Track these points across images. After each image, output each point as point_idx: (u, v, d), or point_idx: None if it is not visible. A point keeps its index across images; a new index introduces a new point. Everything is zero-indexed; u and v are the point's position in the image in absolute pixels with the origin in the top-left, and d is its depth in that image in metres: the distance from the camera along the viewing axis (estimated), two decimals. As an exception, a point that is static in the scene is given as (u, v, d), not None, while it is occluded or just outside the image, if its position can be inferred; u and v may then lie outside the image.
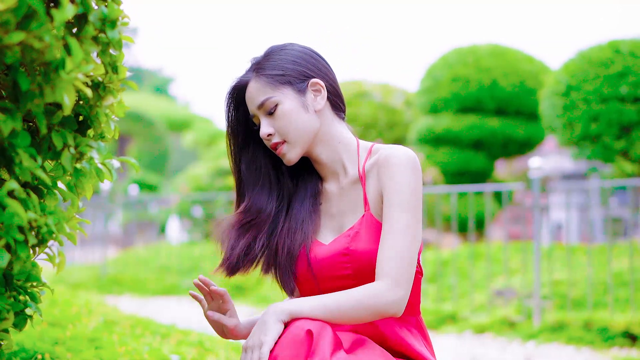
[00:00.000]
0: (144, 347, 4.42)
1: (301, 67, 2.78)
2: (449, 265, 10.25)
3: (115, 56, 2.23)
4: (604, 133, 10.07)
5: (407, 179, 2.65)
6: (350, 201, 2.81)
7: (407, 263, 2.59)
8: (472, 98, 14.54)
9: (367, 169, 2.78)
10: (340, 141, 2.83)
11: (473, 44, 15.16)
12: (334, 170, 2.85)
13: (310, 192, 2.88)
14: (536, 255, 7.94)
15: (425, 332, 2.87)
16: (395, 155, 2.69)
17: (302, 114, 2.75)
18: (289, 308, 2.54)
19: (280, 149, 2.77)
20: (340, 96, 2.89)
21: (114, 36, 2.13)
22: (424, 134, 14.92)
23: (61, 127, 2.20)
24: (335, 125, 2.84)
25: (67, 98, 1.93)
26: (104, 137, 2.35)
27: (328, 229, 2.85)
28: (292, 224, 2.84)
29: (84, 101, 2.27)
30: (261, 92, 2.75)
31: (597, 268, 8.84)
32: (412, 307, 2.80)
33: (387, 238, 2.62)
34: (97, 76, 2.26)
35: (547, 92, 10.88)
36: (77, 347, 4.10)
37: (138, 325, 5.37)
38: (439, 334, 8.14)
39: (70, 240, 2.25)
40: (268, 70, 2.77)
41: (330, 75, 2.86)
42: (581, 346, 7.10)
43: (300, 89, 2.76)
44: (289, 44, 2.85)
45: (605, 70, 10.10)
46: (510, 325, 7.92)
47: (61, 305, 5.49)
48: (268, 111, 2.75)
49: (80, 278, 12.92)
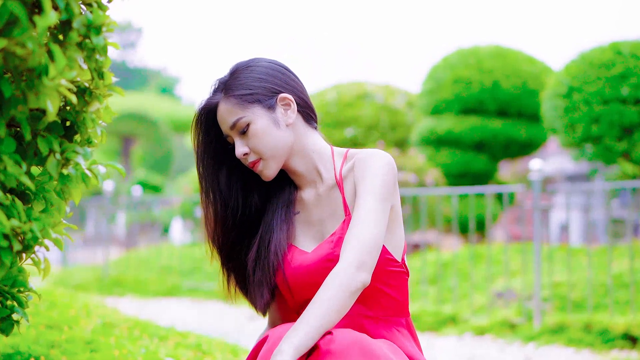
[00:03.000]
0: (140, 349, 4.42)
1: (268, 84, 2.79)
2: (450, 266, 10.24)
3: (101, 62, 2.23)
4: (605, 135, 10.06)
5: (380, 173, 2.70)
6: (330, 207, 2.83)
7: (370, 249, 2.59)
8: (474, 99, 14.53)
9: (344, 174, 2.81)
10: (315, 150, 2.85)
11: (475, 46, 15.15)
12: (310, 179, 2.87)
13: (282, 202, 2.89)
14: (536, 257, 7.93)
15: (414, 332, 2.88)
16: (372, 156, 2.74)
17: (274, 131, 2.77)
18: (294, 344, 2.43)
19: (256, 166, 2.79)
20: (310, 107, 2.90)
21: (99, 42, 2.13)
22: (425, 135, 14.91)
23: (47, 132, 2.19)
24: (308, 135, 2.86)
25: (50, 104, 1.93)
26: (91, 143, 2.35)
27: (309, 236, 2.86)
28: (265, 236, 2.85)
29: (70, 107, 2.27)
30: (231, 113, 2.76)
31: (598, 270, 8.83)
32: (400, 307, 2.82)
33: (354, 225, 2.64)
34: (84, 82, 2.26)
35: (549, 93, 10.88)
36: (72, 350, 4.10)
37: (136, 327, 5.36)
38: (439, 336, 8.14)
39: (56, 245, 2.24)
40: (236, 90, 2.77)
41: (299, 87, 2.87)
42: (581, 348, 7.09)
43: (270, 106, 2.77)
44: (255, 59, 2.86)
45: (606, 71, 10.09)
46: (511, 327, 7.91)
47: (59, 308, 5.47)
48: (240, 131, 2.76)
49: (83, 279, 12.94)
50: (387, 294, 2.77)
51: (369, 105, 17.22)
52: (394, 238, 2.79)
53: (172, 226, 20.23)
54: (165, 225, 20.88)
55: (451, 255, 10.60)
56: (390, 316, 2.80)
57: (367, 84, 17.93)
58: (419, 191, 9.51)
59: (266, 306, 2.87)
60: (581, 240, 11.23)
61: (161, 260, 13.33)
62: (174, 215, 19.95)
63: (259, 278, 2.82)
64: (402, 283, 2.81)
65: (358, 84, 18.00)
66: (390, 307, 2.79)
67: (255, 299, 2.85)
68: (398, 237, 2.81)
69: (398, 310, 2.81)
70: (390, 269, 2.77)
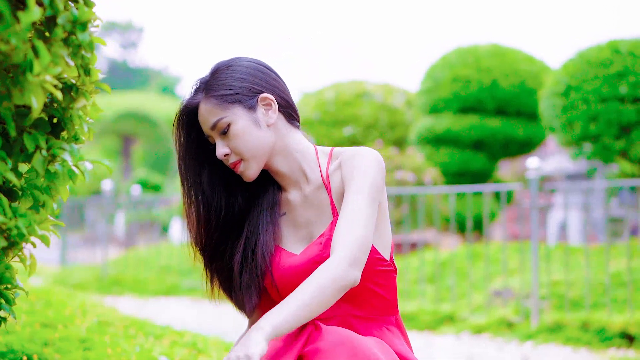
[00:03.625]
0: (135, 348, 4.42)
1: (249, 84, 2.76)
2: (448, 265, 10.23)
3: (88, 58, 2.22)
4: (603, 133, 10.05)
5: (368, 172, 2.68)
6: (317, 208, 2.80)
7: (360, 245, 2.57)
8: (473, 98, 14.54)
9: (331, 174, 2.79)
10: (298, 150, 2.82)
11: (474, 44, 15.16)
12: (294, 180, 2.84)
13: (266, 203, 2.87)
14: (534, 256, 7.93)
15: (404, 330, 2.88)
16: (360, 154, 2.72)
17: (255, 131, 2.74)
18: (274, 324, 2.46)
19: (237, 167, 2.77)
20: (292, 106, 2.86)
21: (85, 38, 2.12)
22: (424, 134, 14.91)
23: (34, 129, 2.19)
24: (290, 135, 2.83)
25: (35, 100, 1.92)
26: (78, 139, 2.34)
27: (297, 238, 2.84)
28: (251, 237, 2.83)
29: (57, 104, 2.26)
30: (212, 113, 2.73)
31: (596, 268, 8.82)
32: (390, 306, 2.81)
33: (344, 223, 2.62)
34: (70, 78, 2.25)
35: (547, 92, 10.87)
36: (66, 348, 4.09)
37: (132, 326, 5.36)
38: (437, 335, 8.14)
39: (43, 242, 2.24)
40: (216, 90, 2.74)
41: (280, 87, 2.83)
42: (579, 347, 7.10)
43: (251, 106, 2.75)
44: (236, 59, 2.83)
45: (604, 70, 10.09)
46: (509, 325, 7.91)
47: (55, 307, 5.47)
48: (221, 132, 2.73)
49: (82, 279, 12.95)
50: (377, 294, 2.76)
51: (368, 104, 17.23)
52: (382, 236, 2.78)
53: (172, 225, 20.21)
54: (164, 225, 20.87)
55: (449, 254, 10.59)
56: (381, 315, 2.80)
57: (366, 83, 17.94)
58: (417, 190, 9.50)
59: (254, 309, 2.86)
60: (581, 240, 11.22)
61: (160, 260, 13.34)
62: (173, 215, 19.94)
63: (246, 281, 2.80)
64: (391, 282, 2.80)
65: (357, 83, 18.01)
66: (381, 306, 2.79)
67: (243, 301, 2.83)
68: (385, 235, 2.80)
69: (388, 309, 2.81)
70: (380, 269, 2.75)
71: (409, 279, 9.79)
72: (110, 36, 68.91)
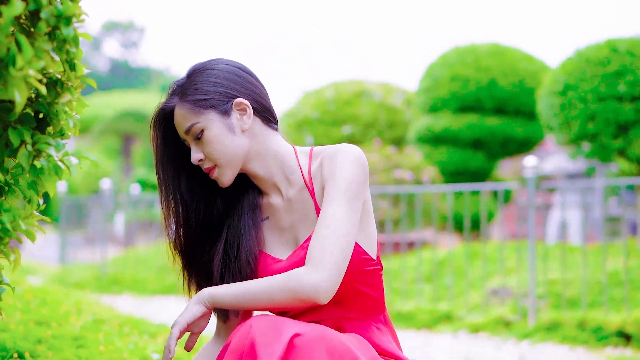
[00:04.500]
0: (129, 346, 4.41)
1: (224, 88, 2.72)
2: (446, 264, 10.23)
3: (73, 53, 2.22)
4: (601, 132, 10.04)
5: (347, 170, 2.63)
6: (301, 211, 2.77)
7: (334, 250, 2.55)
8: (471, 97, 14.52)
9: (313, 174, 2.76)
10: (277, 153, 2.78)
11: (472, 43, 15.14)
12: (274, 183, 2.80)
13: (247, 206, 2.83)
14: (531, 255, 7.93)
15: (392, 327, 2.86)
16: (341, 152, 2.68)
17: (229, 137, 2.71)
18: (211, 292, 2.61)
19: (212, 173, 2.74)
20: (268, 109, 2.81)
21: (69, 33, 2.11)
22: (423, 133, 14.90)
23: (19, 124, 2.19)
24: (268, 138, 2.79)
25: (18, 95, 1.92)
26: (64, 135, 2.34)
27: (281, 243, 2.81)
28: (233, 241, 2.80)
29: (42, 99, 2.26)
30: (186, 118, 2.70)
31: (594, 268, 8.82)
32: (377, 303, 2.79)
33: (319, 226, 2.59)
34: (56, 73, 2.25)
35: (545, 91, 10.86)
36: (59, 345, 4.09)
37: (127, 324, 5.36)
38: (434, 334, 8.14)
39: (28, 237, 2.24)
40: (191, 94, 2.71)
41: (256, 91, 2.79)
42: (575, 345, 7.10)
43: (225, 111, 2.71)
44: (213, 61, 2.79)
45: (602, 69, 10.07)
46: (506, 324, 7.91)
47: (51, 305, 5.46)
48: (195, 137, 2.70)
49: (81, 277, 12.95)
50: (366, 294, 2.75)
51: (367, 103, 17.24)
52: (367, 235, 2.75)
53: (172, 225, 20.16)
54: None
55: (447, 253, 10.59)
56: (370, 315, 2.79)
57: (366, 82, 17.96)
58: (415, 189, 9.51)
59: (231, 315, 2.82)
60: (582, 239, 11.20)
61: (159, 259, 13.32)
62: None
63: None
64: (378, 280, 2.78)
65: (356, 82, 18.03)
66: (370, 306, 2.78)
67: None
68: (371, 234, 2.77)
69: (376, 307, 2.80)
70: (368, 269, 2.73)
71: (406, 278, 9.79)
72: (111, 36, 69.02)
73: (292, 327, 2.43)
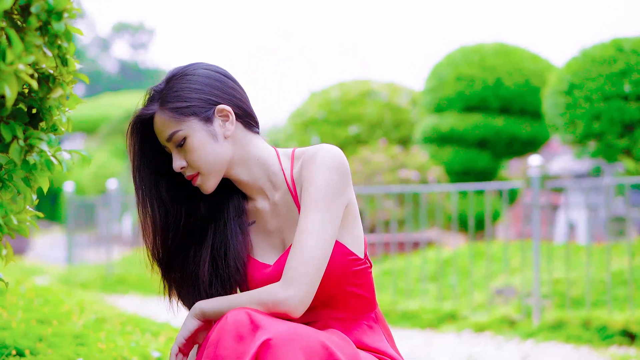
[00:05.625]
0: (130, 344, 4.42)
1: (205, 95, 2.69)
2: (451, 264, 10.22)
3: (65, 48, 2.22)
4: (606, 131, 10.01)
5: (322, 177, 2.62)
6: (286, 215, 2.76)
7: (307, 264, 2.56)
8: (477, 97, 14.49)
9: (296, 177, 2.74)
10: (259, 157, 2.76)
11: (478, 43, 15.11)
12: (258, 187, 2.78)
13: (233, 211, 2.81)
14: (535, 254, 7.93)
15: (385, 324, 2.86)
16: (319, 154, 2.66)
17: (211, 145, 2.68)
18: (201, 306, 2.66)
19: (195, 180, 2.72)
20: (250, 114, 2.79)
21: (60, 28, 2.12)
22: (428, 133, 14.88)
23: (12, 119, 2.19)
24: (250, 143, 2.76)
25: (8, 89, 1.92)
26: (56, 130, 2.34)
27: (268, 247, 2.80)
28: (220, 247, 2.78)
29: (34, 94, 2.26)
30: (167, 125, 2.67)
31: (598, 267, 8.81)
32: (368, 302, 2.80)
33: (295, 238, 2.61)
34: (48, 68, 2.25)
35: (550, 90, 10.83)
36: (60, 343, 4.09)
37: (129, 323, 5.37)
38: (439, 333, 8.14)
39: (20, 233, 2.24)
40: (171, 102, 2.67)
41: (238, 96, 2.76)
42: (580, 345, 7.09)
43: (207, 118, 2.68)
44: (192, 66, 2.75)
45: (607, 68, 10.04)
46: (510, 323, 7.91)
47: (53, 304, 5.47)
48: (177, 144, 2.68)
49: (87, 278, 12.97)
50: (356, 294, 2.75)
51: (373, 103, 17.23)
52: (353, 235, 2.74)
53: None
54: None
55: (452, 253, 10.58)
56: (361, 314, 2.79)
57: (371, 82, 17.95)
58: (419, 188, 9.51)
59: None
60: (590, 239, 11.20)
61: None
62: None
63: (217, 293, 2.76)
64: (368, 279, 2.78)
65: (362, 82, 18.02)
66: (361, 306, 2.78)
67: None
68: (357, 234, 2.76)
69: (367, 306, 2.80)
70: (356, 269, 2.73)
71: (411, 278, 9.78)
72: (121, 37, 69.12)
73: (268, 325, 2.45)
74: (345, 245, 2.70)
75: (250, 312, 2.47)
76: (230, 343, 2.42)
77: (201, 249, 2.80)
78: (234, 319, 2.46)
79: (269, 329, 2.41)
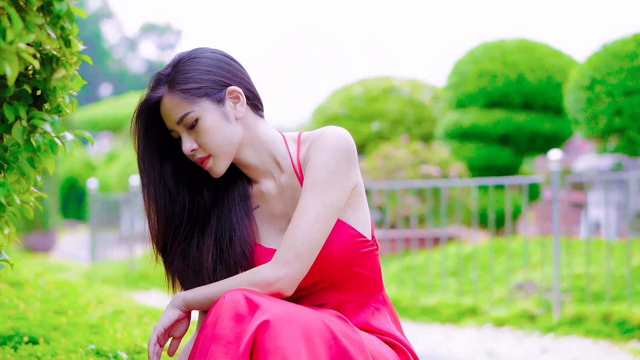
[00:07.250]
0: (146, 334, 4.43)
1: (216, 76, 2.68)
2: (471, 259, 10.19)
3: (68, 29, 2.23)
4: (628, 126, 9.96)
5: (325, 159, 2.61)
6: (293, 198, 2.75)
7: (300, 245, 2.57)
8: (499, 93, 14.44)
9: (302, 160, 2.72)
10: (267, 140, 2.75)
11: (500, 39, 15.06)
12: (266, 170, 2.77)
13: (237, 197, 2.80)
14: (555, 249, 7.90)
15: (391, 306, 2.86)
16: (322, 137, 2.65)
17: (225, 126, 2.67)
18: (185, 296, 2.67)
19: (205, 163, 2.69)
20: (257, 97, 2.79)
21: (62, 8, 2.13)
22: (450, 129, 14.84)
23: (16, 100, 2.20)
24: (258, 126, 2.75)
25: (9, 68, 1.94)
26: (60, 112, 2.35)
27: (274, 230, 2.79)
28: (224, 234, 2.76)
29: (38, 75, 2.27)
30: (178, 107, 2.65)
31: (619, 262, 8.77)
32: (374, 284, 2.80)
33: (292, 219, 2.62)
34: (52, 50, 2.26)
35: (571, 85, 10.80)
36: (73, 332, 4.11)
37: (147, 314, 5.38)
38: (459, 327, 8.12)
39: (23, 213, 2.25)
40: (182, 83, 2.65)
41: (246, 79, 2.76)
42: (599, 339, 7.06)
43: (219, 99, 2.67)
44: (198, 50, 2.75)
45: (629, 63, 10.00)
46: (530, 318, 7.88)
47: (71, 295, 5.49)
48: (188, 126, 2.66)
49: (110, 274, 13.02)
50: (364, 276, 2.75)
51: (395, 99, 17.24)
52: (361, 217, 2.74)
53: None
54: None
55: (473, 249, 10.56)
56: (368, 295, 2.79)
57: (393, 79, 17.97)
58: (439, 183, 9.48)
59: None
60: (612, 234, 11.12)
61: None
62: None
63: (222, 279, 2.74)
64: (375, 260, 2.78)
65: (384, 78, 18.04)
66: (369, 288, 2.78)
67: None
68: (364, 215, 2.75)
69: (374, 287, 2.80)
70: (364, 250, 2.73)
71: (432, 273, 9.77)
72: (148, 37, 69.48)
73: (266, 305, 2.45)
74: (352, 226, 2.70)
75: (247, 293, 2.47)
76: (229, 323, 2.41)
77: (204, 235, 2.78)
78: (232, 298, 2.45)
79: (267, 310, 2.41)
